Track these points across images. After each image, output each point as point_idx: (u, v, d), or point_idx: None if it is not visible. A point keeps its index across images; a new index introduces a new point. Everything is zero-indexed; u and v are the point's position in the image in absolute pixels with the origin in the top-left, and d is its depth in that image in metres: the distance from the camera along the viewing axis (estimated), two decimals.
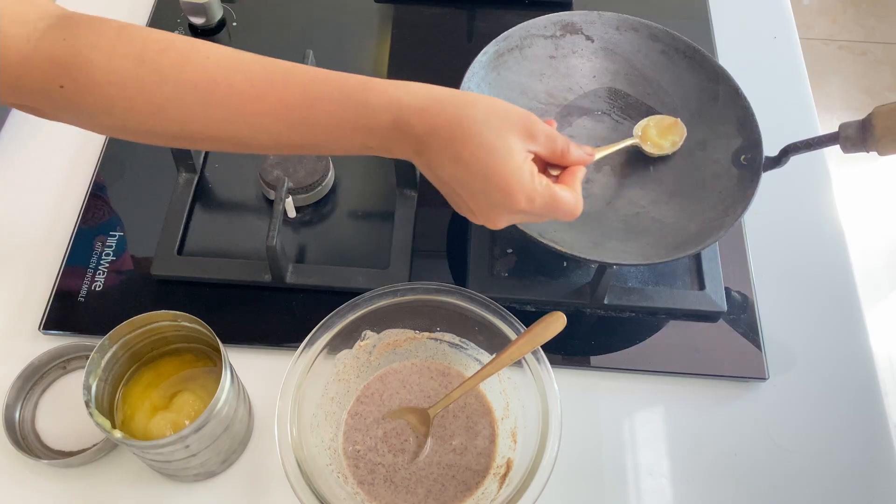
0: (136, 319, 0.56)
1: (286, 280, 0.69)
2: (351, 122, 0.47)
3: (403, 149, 0.49)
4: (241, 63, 0.47)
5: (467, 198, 0.49)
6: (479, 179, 0.47)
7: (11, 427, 0.61)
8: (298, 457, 0.53)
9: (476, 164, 0.47)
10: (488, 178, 0.47)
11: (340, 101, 0.47)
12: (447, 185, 0.49)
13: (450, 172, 0.48)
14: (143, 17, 0.89)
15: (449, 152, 0.47)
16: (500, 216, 0.50)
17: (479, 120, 0.47)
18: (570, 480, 0.61)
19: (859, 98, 2.04)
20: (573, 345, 0.68)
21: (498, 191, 0.47)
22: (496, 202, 0.48)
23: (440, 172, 0.48)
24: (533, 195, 0.48)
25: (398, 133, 0.47)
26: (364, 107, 0.47)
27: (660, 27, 0.74)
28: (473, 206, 0.49)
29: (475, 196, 0.49)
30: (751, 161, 0.67)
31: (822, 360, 0.69)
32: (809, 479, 0.63)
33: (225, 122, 0.47)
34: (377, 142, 0.48)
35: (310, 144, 0.49)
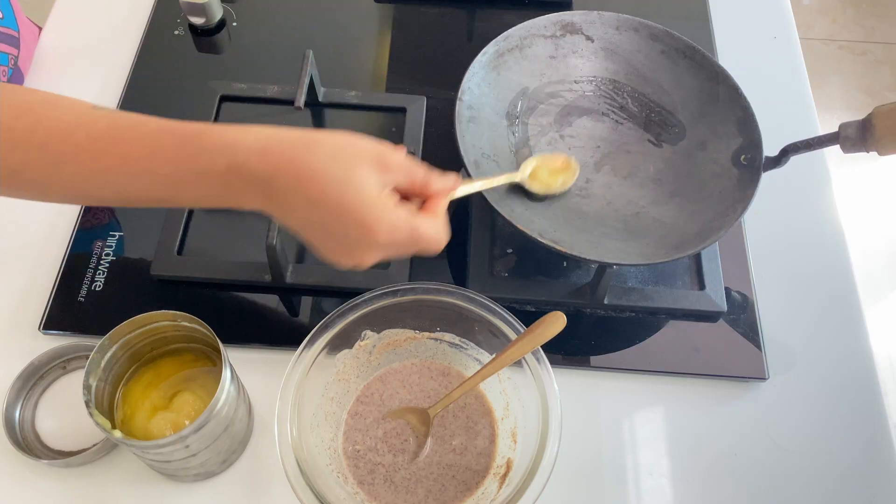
0: (136, 319, 0.56)
1: (286, 280, 0.69)
2: (189, 169, 0.46)
3: (251, 197, 0.47)
4: (88, 121, 0.47)
5: (325, 240, 0.48)
6: (333, 218, 0.46)
7: (11, 427, 0.61)
8: (298, 457, 0.53)
9: (328, 201, 0.45)
10: (344, 213, 0.45)
11: (177, 148, 0.46)
12: (303, 230, 0.48)
13: (302, 216, 0.46)
14: (143, 17, 0.89)
15: (298, 194, 0.45)
16: (363, 254, 0.48)
17: (325, 155, 0.45)
18: (570, 480, 0.61)
19: (859, 98, 2.04)
20: (573, 345, 0.68)
21: (356, 226, 0.46)
22: (356, 239, 0.47)
23: (293, 217, 0.47)
24: (395, 225, 0.46)
25: (238, 178, 0.46)
26: (200, 152, 0.46)
27: (660, 27, 0.74)
28: (334, 248, 0.48)
29: (333, 237, 0.47)
30: (751, 161, 0.67)
31: (822, 360, 0.69)
32: (809, 479, 0.63)
33: (72, 180, 0.47)
34: (221, 190, 0.47)
35: (156, 198, 0.48)
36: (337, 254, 0.49)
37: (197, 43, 0.88)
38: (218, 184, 0.46)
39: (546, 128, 0.75)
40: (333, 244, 0.48)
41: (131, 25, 0.88)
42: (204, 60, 0.87)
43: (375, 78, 0.86)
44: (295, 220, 0.47)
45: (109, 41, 0.87)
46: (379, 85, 0.85)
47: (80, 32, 0.89)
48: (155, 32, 0.88)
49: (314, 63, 0.78)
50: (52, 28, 0.89)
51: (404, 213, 0.48)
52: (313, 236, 0.48)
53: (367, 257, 0.48)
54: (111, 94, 0.82)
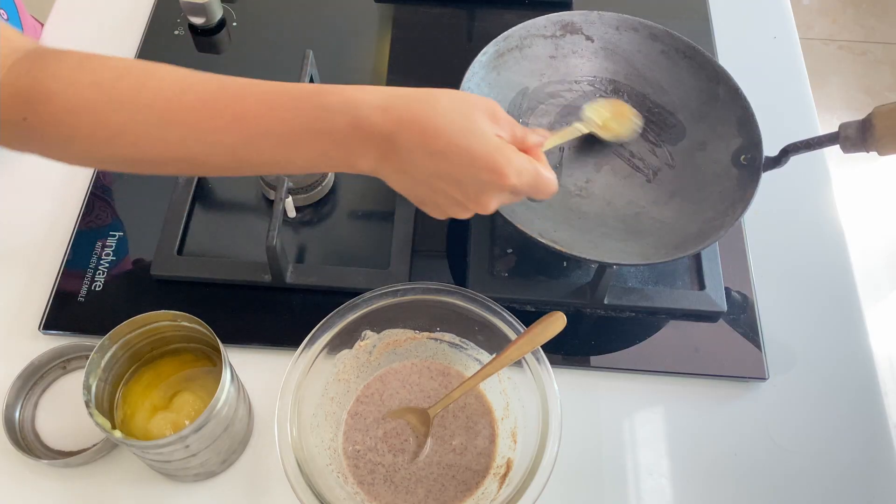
0: (136, 319, 0.56)
1: (286, 280, 0.69)
2: (308, 127, 0.46)
3: (367, 155, 0.47)
4: (196, 82, 0.47)
5: (453, 190, 0.48)
6: (464, 165, 0.46)
7: (11, 427, 0.61)
8: (298, 457, 0.53)
9: (457, 150, 0.46)
10: (474, 160, 0.46)
11: (295, 108, 0.46)
12: (426, 184, 0.48)
13: (429, 168, 0.46)
14: (143, 17, 0.89)
15: (423, 147, 0.45)
16: (491, 198, 0.48)
17: (447, 109, 0.46)
18: (570, 480, 0.61)
19: (859, 98, 2.04)
20: (573, 345, 0.68)
21: (487, 171, 0.46)
22: (486, 183, 0.47)
23: (416, 172, 0.47)
24: (521, 169, 0.47)
25: (360, 135, 0.46)
26: (321, 110, 0.46)
27: (660, 27, 0.74)
28: (461, 196, 0.48)
29: (462, 184, 0.47)
30: (751, 161, 0.67)
31: (822, 360, 0.69)
32: (809, 479, 0.63)
33: (182, 142, 0.46)
34: (338, 149, 0.46)
35: (269, 160, 0.48)
36: (463, 202, 0.48)
37: (197, 43, 0.88)
38: (337, 142, 0.46)
39: (546, 128, 0.75)
40: (461, 193, 0.48)
41: (131, 25, 0.88)
42: (204, 60, 0.87)
43: (375, 78, 0.86)
44: (416, 175, 0.47)
45: (109, 41, 0.87)
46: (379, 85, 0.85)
47: (80, 32, 0.89)
48: (155, 32, 0.88)
49: (314, 63, 0.78)
50: (52, 28, 0.89)
51: (526, 157, 0.48)
52: (435, 191, 0.48)
53: (493, 202, 0.49)
54: None
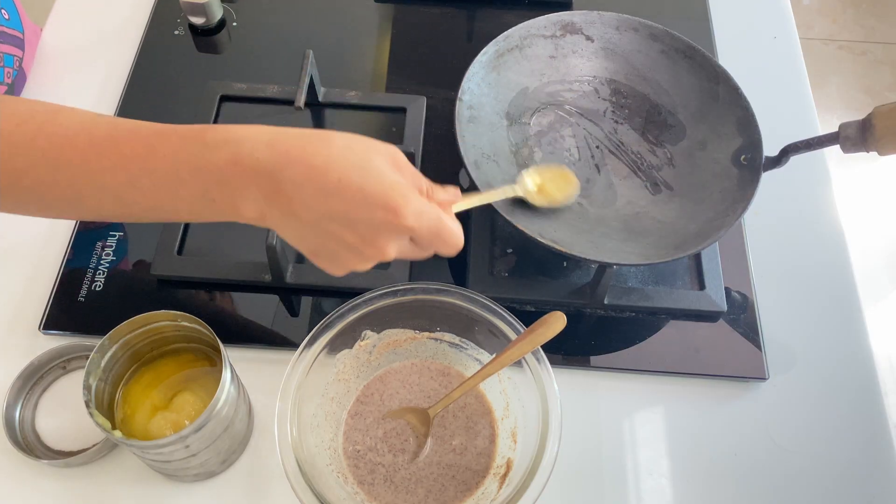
0: (136, 319, 0.56)
1: (286, 280, 0.69)
2: (188, 164, 0.44)
3: (250, 195, 0.44)
4: (91, 125, 0.46)
5: (346, 233, 0.44)
6: (356, 203, 0.43)
7: (11, 427, 0.61)
8: (298, 457, 0.53)
9: (349, 187, 0.43)
10: (367, 197, 0.43)
11: (179, 146, 0.45)
12: (316, 228, 0.44)
13: (318, 208, 0.43)
14: (143, 17, 0.89)
15: (312, 183, 0.43)
16: (387, 241, 0.45)
17: (341, 147, 0.44)
18: (570, 480, 0.61)
19: (859, 98, 2.04)
20: (573, 345, 0.68)
21: (381, 209, 0.43)
22: (381, 223, 0.44)
23: (305, 213, 0.44)
24: (420, 211, 0.44)
25: (241, 171, 0.43)
26: (201, 146, 0.44)
27: (660, 27, 0.74)
28: (355, 240, 0.45)
29: (354, 225, 0.44)
30: (751, 161, 0.67)
31: (822, 360, 0.69)
32: (809, 479, 0.63)
33: (71, 184, 0.46)
34: (219, 190, 0.44)
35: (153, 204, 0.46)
36: (357, 246, 0.45)
37: (197, 43, 0.88)
38: (217, 181, 0.44)
39: (546, 128, 0.75)
40: (354, 235, 0.45)
41: (131, 25, 0.88)
42: (204, 60, 0.87)
43: (375, 78, 0.86)
44: (305, 216, 0.44)
45: (109, 41, 0.87)
46: (379, 85, 0.85)
47: (80, 32, 0.89)
48: (155, 32, 0.88)
49: (314, 63, 0.78)
50: (52, 28, 0.89)
51: (428, 202, 0.46)
52: (326, 234, 0.45)
53: (391, 245, 0.46)
54: (111, 94, 0.82)
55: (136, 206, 0.47)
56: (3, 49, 0.78)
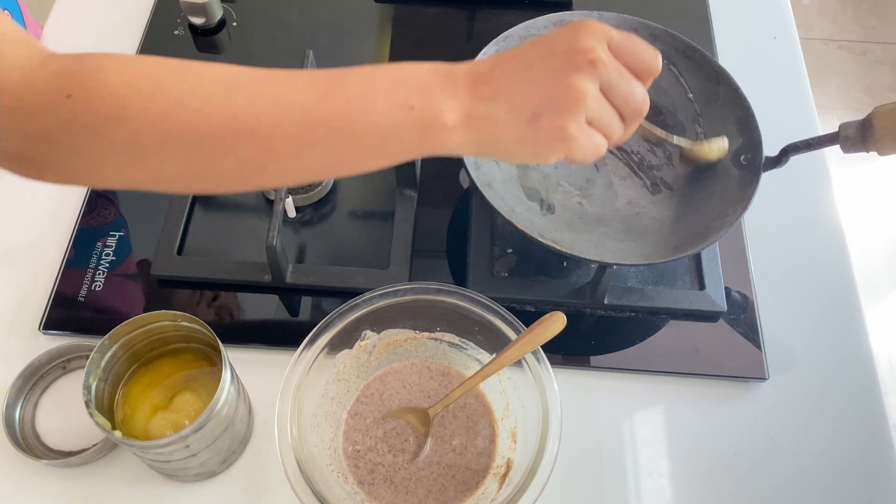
0: (136, 319, 0.56)
1: (286, 280, 0.69)
2: (386, 75, 0.43)
3: (455, 96, 0.43)
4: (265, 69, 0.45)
5: (546, 61, 0.43)
6: (543, 40, 0.44)
7: (11, 427, 0.61)
8: (298, 457, 0.53)
9: (533, 40, 0.44)
10: (552, 33, 0.44)
11: (371, 69, 0.44)
12: (524, 88, 0.43)
13: (515, 65, 0.43)
14: (143, 17, 0.89)
15: (503, 58, 0.44)
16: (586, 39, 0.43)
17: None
18: (570, 480, 0.61)
19: (859, 98, 2.04)
20: (573, 345, 0.68)
21: (567, 28, 0.43)
22: (573, 33, 0.43)
23: (508, 82, 0.43)
24: (604, 26, 0.44)
25: (441, 77, 0.43)
26: (397, 64, 0.44)
27: (660, 27, 0.74)
28: (560, 62, 0.42)
29: (551, 52, 0.43)
30: (751, 161, 0.67)
31: (822, 360, 0.69)
32: (809, 479, 0.63)
33: (249, 104, 0.42)
34: (420, 95, 0.42)
35: (344, 119, 0.43)
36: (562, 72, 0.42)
37: (197, 43, 0.88)
38: (417, 88, 0.43)
39: None
40: (557, 60, 0.42)
41: (131, 25, 0.88)
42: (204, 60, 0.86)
43: None
44: (510, 83, 0.43)
45: (109, 41, 0.87)
46: None
47: (80, 32, 0.89)
48: (155, 32, 0.88)
49: (314, 63, 0.78)
50: (52, 28, 0.89)
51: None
52: (535, 81, 0.43)
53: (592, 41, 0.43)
54: None
55: (321, 127, 0.43)
56: None
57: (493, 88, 0.43)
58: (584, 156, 0.45)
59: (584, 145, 0.44)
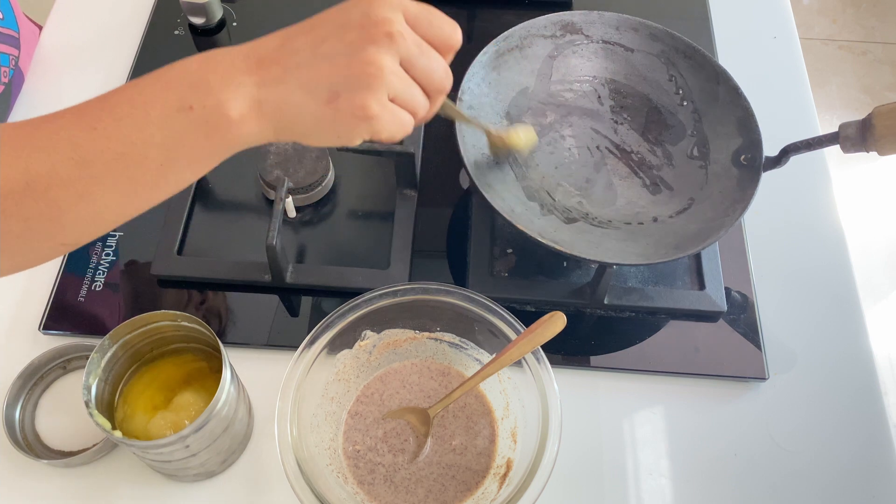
0: (136, 319, 0.56)
1: (286, 280, 0.69)
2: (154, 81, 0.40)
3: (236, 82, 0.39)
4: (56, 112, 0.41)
5: (340, 34, 0.40)
6: (334, 13, 0.41)
7: (11, 427, 0.61)
8: (298, 457, 0.53)
9: (326, 13, 0.42)
10: (343, 5, 0.41)
11: (138, 79, 0.40)
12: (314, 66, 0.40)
13: (305, 40, 0.40)
14: (143, 17, 0.89)
15: (291, 34, 0.41)
16: (375, 10, 0.40)
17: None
18: (570, 480, 0.61)
19: (859, 98, 2.04)
20: (573, 345, 0.68)
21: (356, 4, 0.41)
22: (361, 5, 0.41)
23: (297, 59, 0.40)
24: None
25: (217, 67, 0.39)
26: (166, 68, 0.40)
27: (660, 27, 0.74)
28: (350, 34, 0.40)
29: (344, 25, 0.40)
30: (751, 161, 0.67)
31: (822, 360, 0.69)
32: (809, 479, 0.63)
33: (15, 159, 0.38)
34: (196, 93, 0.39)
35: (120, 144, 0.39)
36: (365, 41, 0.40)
37: (197, 43, 0.88)
38: (190, 85, 0.39)
39: (546, 128, 0.75)
40: (351, 33, 0.40)
41: (131, 25, 0.88)
42: None
43: None
44: (300, 63, 0.40)
45: (109, 41, 0.87)
46: None
47: (80, 32, 0.89)
48: (155, 32, 0.88)
49: None
50: (52, 28, 0.89)
51: None
52: (327, 57, 0.40)
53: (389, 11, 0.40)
54: None
55: (101, 162, 0.39)
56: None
57: (281, 69, 0.40)
58: (391, 134, 0.42)
59: (389, 123, 0.42)
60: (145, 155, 0.39)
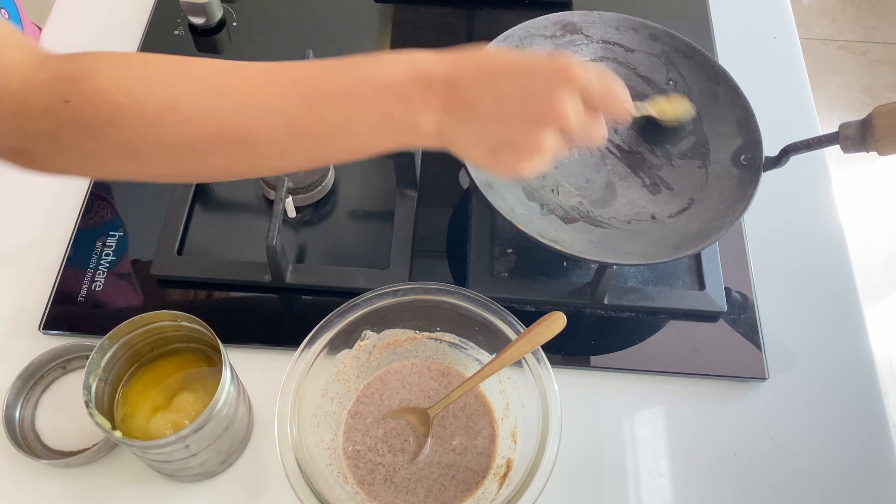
0: (136, 319, 0.56)
1: (286, 280, 0.69)
2: (368, 80, 0.44)
3: (431, 107, 0.44)
4: (250, 63, 0.46)
5: (523, 105, 0.44)
6: (526, 75, 0.44)
7: (11, 427, 0.61)
8: (298, 457, 0.53)
9: (518, 68, 0.44)
10: (535, 67, 0.44)
11: (354, 66, 0.45)
12: (493, 117, 0.44)
13: (493, 93, 0.43)
14: (143, 17, 0.89)
15: (486, 79, 0.43)
16: (562, 96, 0.43)
17: (494, 48, 0.46)
18: (571, 480, 0.61)
19: (859, 98, 2.04)
20: (573, 345, 0.68)
21: (550, 71, 0.43)
22: (552, 82, 0.43)
23: (482, 106, 0.44)
24: (587, 68, 0.44)
25: (422, 84, 0.43)
26: (378, 64, 0.44)
27: (660, 27, 0.74)
28: (533, 108, 0.44)
29: (531, 94, 0.43)
30: (751, 161, 0.67)
31: (822, 360, 0.69)
32: (809, 479, 0.63)
33: (238, 112, 0.44)
34: (401, 105, 0.44)
35: (326, 130, 0.45)
36: (535, 119, 0.44)
37: (197, 43, 0.88)
38: (399, 96, 0.44)
39: None
40: (528, 103, 0.44)
41: (131, 25, 0.88)
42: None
43: None
44: (484, 108, 0.44)
45: (109, 41, 0.87)
46: None
47: (80, 32, 0.89)
48: (155, 32, 0.88)
49: None
50: (52, 28, 0.89)
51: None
52: (506, 116, 0.44)
53: (567, 105, 0.43)
54: None
55: (306, 135, 0.45)
56: None
57: (465, 108, 0.44)
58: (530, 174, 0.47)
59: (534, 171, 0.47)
60: (347, 140, 0.45)
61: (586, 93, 0.45)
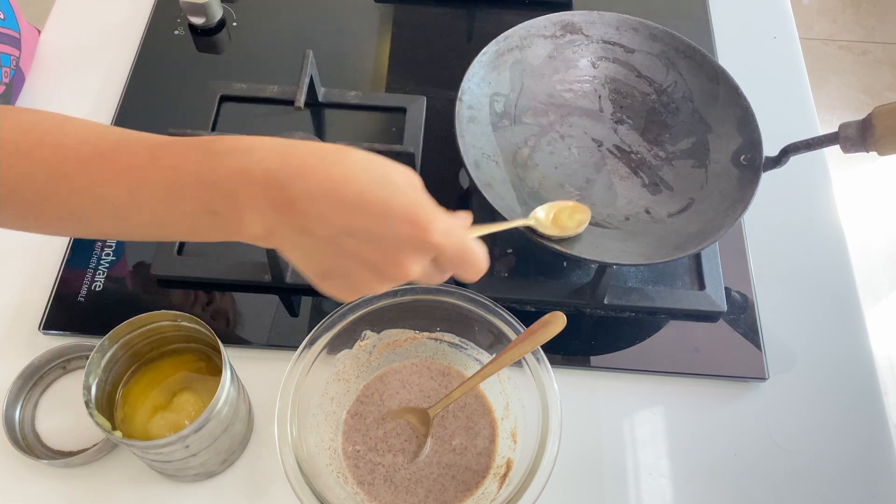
0: (136, 319, 0.56)
1: (286, 280, 0.69)
2: (191, 174, 0.40)
3: (258, 209, 0.40)
4: (96, 136, 0.43)
5: (366, 250, 0.40)
6: (380, 218, 0.39)
7: (11, 427, 0.61)
8: (298, 457, 0.53)
9: (373, 201, 0.39)
10: (392, 212, 0.39)
11: (182, 153, 0.41)
12: (331, 245, 0.40)
13: (336, 222, 0.39)
14: (143, 17, 0.89)
15: (330, 197, 0.39)
16: (412, 259, 0.41)
17: (358, 159, 0.40)
18: (571, 480, 0.61)
19: (859, 98, 2.04)
20: (573, 345, 0.68)
21: (408, 224, 0.40)
22: (406, 239, 0.40)
23: (320, 228, 0.40)
24: (448, 229, 0.41)
25: (250, 182, 0.39)
26: (207, 154, 0.40)
27: (660, 27, 0.74)
28: (376, 257, 0.41)
29: (377, 241, 0.40)
30: (751, 161, 0.67)
31: (822, 360, 0.69)
32: (809, 479, 0.63)
33: (70, 197, 0.43)
34: (224, 202, 0.40)
35: (151, 219, 0.43)
36: (375, 266, 0.41)
37: (197, 43, 0.88)
38: (222, 193, 0.40)
39: (546, 128, 0.75)
40: (375, 252, 0.41)
41: (131, 25, 0.88)
42: (204, 60, 0.87)
43: (375, 78, 0.86)
44: (322, 232, 0.40)
45: (109, 41, 0.87)
46: (379, 85, 0.85)
47: (80, 32, 0.89)
48: (155, 32, 0.88)
49: (314, 63, 0.78)
50: (52, 28, 0.89)
51: (455, 221, 0.43)
52: (345, 251, 0.41)
53: (415, 264, 0.41)
54: (111, 95, 0.82)
55: (134, 222, 0.44)
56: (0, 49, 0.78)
57: (302, 226, 0.40)
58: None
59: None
60: (171, 229, 0.44)
61: (439, 255, 0.42)
